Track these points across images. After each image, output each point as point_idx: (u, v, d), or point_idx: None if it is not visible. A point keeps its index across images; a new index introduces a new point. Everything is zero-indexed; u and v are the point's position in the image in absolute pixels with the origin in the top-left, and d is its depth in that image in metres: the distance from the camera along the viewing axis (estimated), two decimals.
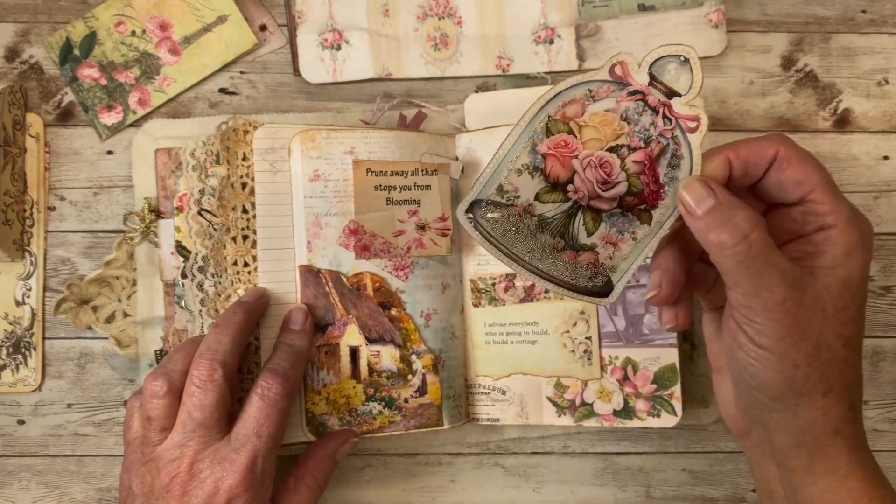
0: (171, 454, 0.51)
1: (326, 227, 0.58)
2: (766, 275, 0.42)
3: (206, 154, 0.59)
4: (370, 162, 0.59)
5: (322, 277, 0.58)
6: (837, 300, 0.43)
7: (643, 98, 0.46)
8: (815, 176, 0.44)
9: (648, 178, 0.46)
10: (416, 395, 0.59)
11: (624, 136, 0.46)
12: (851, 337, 0.43)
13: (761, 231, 0.42)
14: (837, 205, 0.43)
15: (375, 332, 0.59)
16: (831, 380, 0.44)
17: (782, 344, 0.43)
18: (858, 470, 0.45)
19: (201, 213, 0.58)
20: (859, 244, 0.43)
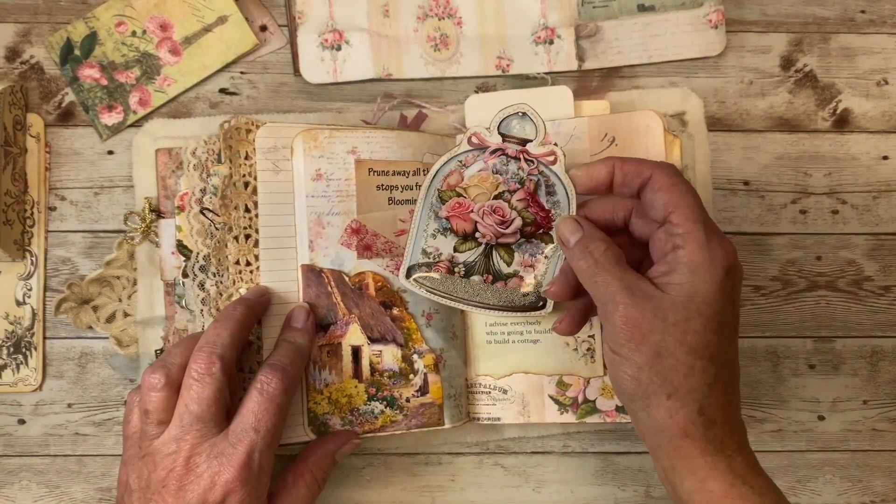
0: (168, 448, 0.51)
1: (328, 226, 0.58)
2: (611, 287, 0.49)
3: (208, 153, 0.59)
4: (372, 161, 0.59)
5: (324, 277, 0.58)
6: (680, 312, 0.48)
7: (503, 153, 0.56)
8: (678, 200, 0.49)
9: (535, 208, 0.57)
10: (417, 395, 0.59)
11: (502, 185, 0.57)
12: (696, 346, 0.48)
13: (609, 253, 0.51)
14: (691, 227, 0.49)
15: (377, 332, 0.59)
16: (674, 384, 0.48)
17: (626, 348, 0.49)
18: (717, 472, 0.48)
19: (203, 213, 0.58)
20: (705, 265, 0.48)
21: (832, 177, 0.66)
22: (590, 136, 0.61)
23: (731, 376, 0.50)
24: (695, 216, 0.49)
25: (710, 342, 0.48)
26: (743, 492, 0.48)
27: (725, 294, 0.48)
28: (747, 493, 0.48)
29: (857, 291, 0.66)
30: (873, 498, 0.65)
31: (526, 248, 0.57)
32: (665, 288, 0.49)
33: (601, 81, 0.66)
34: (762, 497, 0.48)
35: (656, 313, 0.48)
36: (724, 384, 0.49)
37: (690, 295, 0.48)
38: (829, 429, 0.65)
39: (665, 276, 0.49)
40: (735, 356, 0.51)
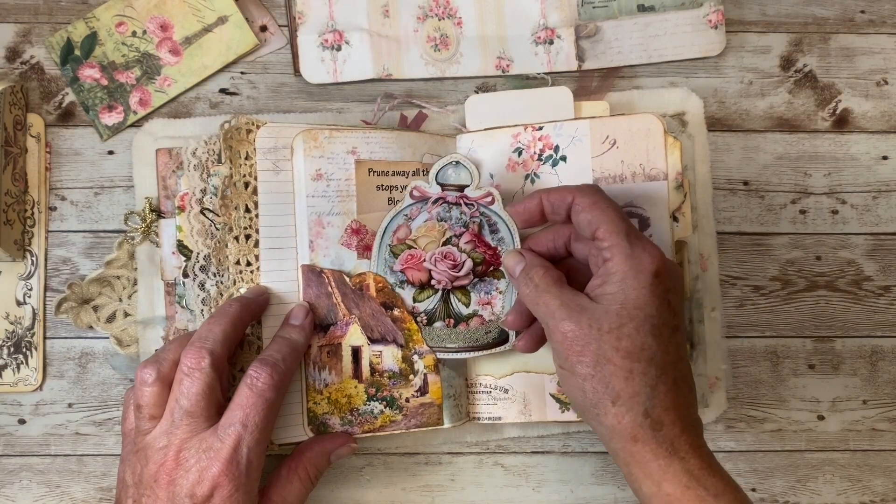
0: (159, 442, 0.52)
1: (329, 226, 0.59)
2: (550, 306, 0.52)
3: (208, 153, 0.59)
4: (372, 162, 0.59)
5: (325, 277, 0.58)
6: (614, 319, 0.50)
7: (444, 201, 0.60)
8: (600, 217, 0.52)
9: (482, 248, 0.60)
10: (417, 395, 0.60)
11: (448, 231, 0.60)
12: (631, 350, 0.50)
13: (548, 277, 0.54)
14: (615, 240, 0.51)
15: (378, 333, 0.59)
16: (617, 388, 0.50)
17: (569, 361, 0.51)
18: (671, 475, 0.49)
19: (203, 213, 0.58)
20: (632, 272, 0.50)
21: (832, 177, 0.67)
22: (591, 139, 0.61)
23: (677, 377, 0.51)
24: (617, 228, 0.52)
25: (645, 345, 0.50)
26: (699, 493, 0.49)
27: (657, 297, 0.51)
28: (703, 495, 0.49)
29: (857, 291, 0.66)
30: (873, 498, 0.65)
31: (481, 287, 0.60)
32: (599, 299, 0.51)
33: (601, 81, 0.66)
34: (717, 498, 0.49)
35: (591, 324, 0.50)
36: (669, 385, 0.50)
37: (622, 302, 0.50)
38: (828, 429, 0.65)
39: (599, 289, 0.52)
40: (680, 357, 0.52)
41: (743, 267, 0.66)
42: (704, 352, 0.64)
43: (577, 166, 0.61)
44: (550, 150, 0.62)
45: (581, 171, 0.61)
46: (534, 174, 0.62)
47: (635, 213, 0.61)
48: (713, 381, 0.64)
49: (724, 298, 0.65)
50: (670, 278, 0.52)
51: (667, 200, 0.60)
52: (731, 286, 0.66)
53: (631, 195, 0.61)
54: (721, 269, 0.65)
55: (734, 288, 0.66)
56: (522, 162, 0.62)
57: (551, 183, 0.62)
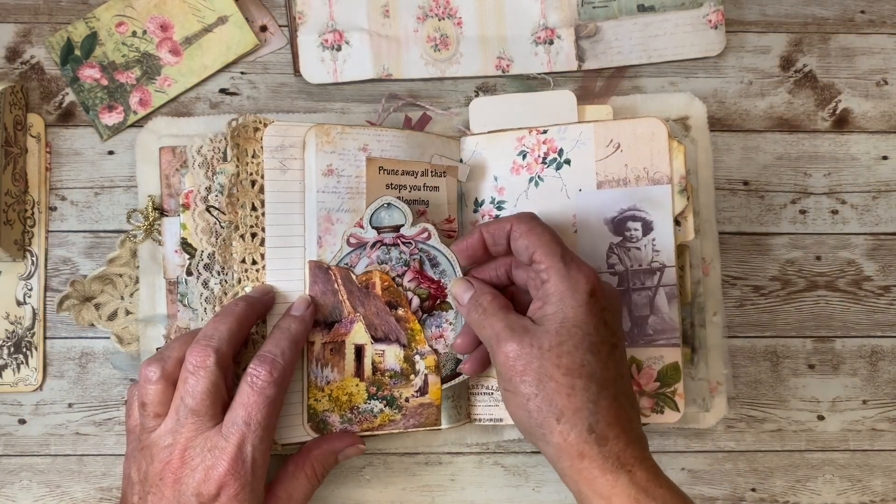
0: (165, 440, 0.52)
1: (338, 222, 0.59)
2: (495, 329, 0.54)
3: (213, 151, 0.60)
4: (383, 160, 0.60)
5: (331, 274, 0.58)
6: (553, 337, 0.51)
7: (382, 243, 0.60)
8: (536, 241, 0.54)
9: (426, 283, 0.61)
10: (417, 395, 0.60)
11: (391, 272, 0.60)
12: (572, 367, 0.51)
13: (496, 302, 0.55)
14: (551, 262, 0.53)
15: (381, 332, 0.59)
16: (560, 405, 0.51)
17: (513, 382, 0.52)
18: (619, 489, 0.50)
19: (209, 210, 0.58)
20: (568, 292, 0.52)
21: (832, 177, 0.67)
22: (595, 142, 0.62)
23: (618, 393, 0.52)
24: (552, 251, 0.53)
25: (584, 361, 0.51)
26: (654, 495, 0.50)
27: (594, 315, 0.52)
28: (659, 497, 0.50)
29: (857, 291, 0.66)
30: (873, 498, 0.65)
31: (431, 322, 0.61)
32: (540, 321, 0.53)
33: (606, 84, 0.67)
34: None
35: (533, 343, 0.51)
36: (610, 400, 0.51)
37: (561, 321, 0.52)
38: (828, 429, 0.66)
39: (539, 311, 0.53)
40: (620, 374, 0.53)
41: (743, 267, 0.66)
42: (706, 356, 0.64)
43: (581, 170, 0.62)
44: (555, 153, 0.62)
45: (585, 174, 0.62)
46: (538, 177, 0.63)
47: (639, 217, 0.61)
48: (714, 385, 0.65)
49: (724, 299, 0.66)
50: (605, 298, 0.53)
51: (670, 204, 0.61)
52: (731, 286, 0.66)
53: (634, 199, 0.61)
54: (721, 269, 0.66)
55: (734, 288, 0.66)
56: (527, 165, 0.63)
57: (554, 187, 0.62)
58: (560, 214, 0.62)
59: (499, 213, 0.63)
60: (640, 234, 0.61)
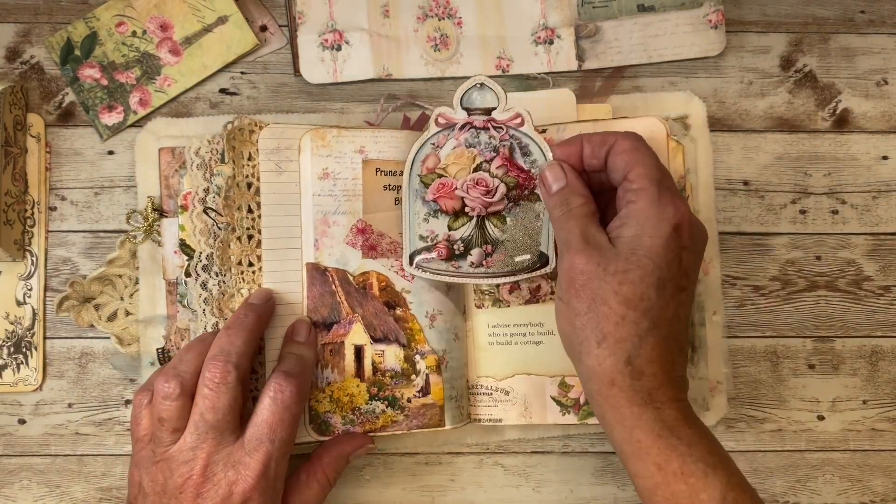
0: (184, 456, 0.52)
1: (334, 225, 0.59)
2: (572, 234, 0.53)
3: (211, 153, 0.60)
4: (380, 162, 0.60)
5: (329, 275, 0.59)
6: (621, 262, 0.50)
7: (472, 126, 0.59)
8: (637, 159, 0.52)
9: (515, 171, 0.59)
10: (419, 396, 0.60)
11: (478, 157, 0.59)
12: (631, 296, 0.50)
13: (584, 208, 0.53)
14: (645, 184, 0.51)
15: (380, 332, 0.60)
16: (605, 331, 0.50)
17: (568, 293, 0.52)
18: (643, 422, 0.50)
19: (206, 212, 0.59)
20: (652, 219, 0.50)
21: (832, 177, 0.67)
22: None
23: (670, 334, 0.51)
24: (649, 174, 0.52)
25: (644, 296, 0.50)
26: (671, 442, 0.49)
27: (671, 251, 0.50)
28: (675, 444, 0.49)
29: (857, 291, 0.67)
30: (873, 498, 0.66)
31: (516, 212, 0.59)
32: (615, 241, 0.52)
33: (605, 83, 0.67)
34: (691, 448, 0.49)
35: (599, 262, 0.51)
36: (658, 339, 0.50)
37: (634, 248, 0.50)
38: (828, 429, 0.66)
39: (617, 230, 0.52)
40: (678, 316, 0.52)
41: (743, 267, 0.67)
42: (706, 355, 0.65)
43: None
44: None
45: None
46: None
47: None
48: (714, 384, 0.65)
49: (724, 299, 0.66)
50: (690, 236, 0.51)
51: None
52: (731, 286, 0.66)
53: None
54: (721, 269, 0.66)
55: (734, 288, 0.66)
56: None
57: None
58: None
59: None
60: None
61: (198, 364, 0.54)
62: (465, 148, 0.59)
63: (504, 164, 0.59)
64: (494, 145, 0.59)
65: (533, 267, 0.60)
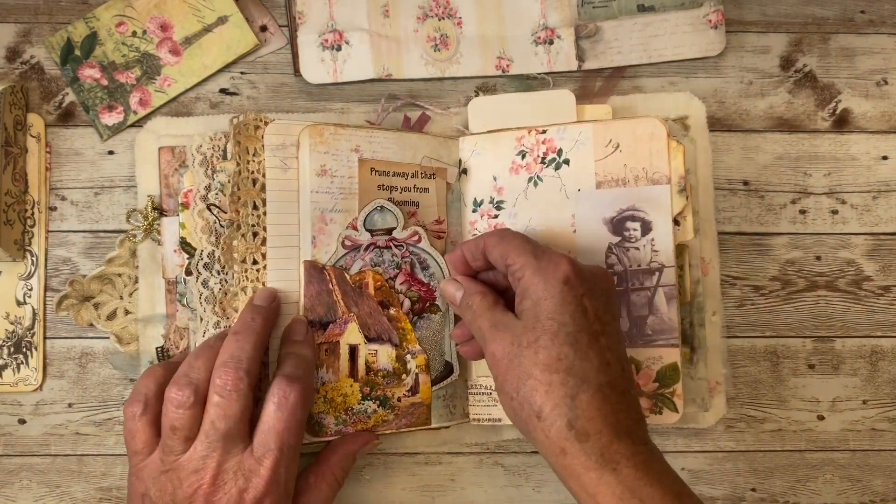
0: (195, 465, 0.52)
1: (331, 223, 0.59)
2: (483, 328, 0.54)
3: (213, 149, 0.60)
4: (374, 161, 0.60)
5: (326, 274, 0.59)
6: (529, 334, 0.51)
7: (375, 246, 0.61)
8: (507, 246, 0.54)
9: (417, 286, 0.62)
10: (408, 395, 0.60)
11: (383, 274, 0.61)
12: (549, 361, 0.50)
13: (484, 301, 0.55)
14: (523, 260, 0.53)
15: (374, 331, 0.60)
16: (539, 402, 0.50)
17: (498, 381, 0.52)
18: (603, 487, 0.48)
19: (209, 209, 0.59)
20: (541, 283, 0.52)
21: (832, 177, 0.67)
22: (594, 142, 0.62)
23: (604, 384, 0.50)
24: (523, 250, 0.53)
25: (561, 355, 0.50)
26: (639, 493, 0.48)
27: (569, 304, 0.51)
28: (645, 496, 0.48)
29: (857, 291, 0.67)
30: (873, 498, 0.66)
31: (420, 325, 0.62)
32: (520, 316, 0.53)
33: (605, 83, 0.67)
34: None
35: (513, 341, 0.52)
36: (591, 393, 0.49)
37: (536, 315, 0.51)
38: (828, 429, 0.66)
39: (519, 306, 0.53)
40: (607, 362, 0.51)
41: (743, 267, 0.67)
42: (705, 356, 0.65)
43: (580, 169, 0.62)
44: (554, 153, 0.63)
45: (584, 174, 0.62)
46: (537, 177, 0.63)
47: (638, 217, 0.61)
48: (713, 385, 0.65)
49: (724, 298, 0.66)
50: (583, 283, 0.52)
51: (669, 204, 0.61)
52: (730, 286, 0.66)
53: (633, 199, 0.61)
54: (721, 269, 0.66)
55: (734, 288, 0.66)
56: (526, 165, 0.63)
57: (553, 187, 0.62)
58: (559, 214, 0.62)
59: (497, 212, 0.63)
60: (638, 234, 0.61)
61: (209, 371, 0.54)
62: (370, 267, 0.61)
63: (407, 280, 0.62)
64: (397, 262, 0.62)
65: (441, 377, 0.62)
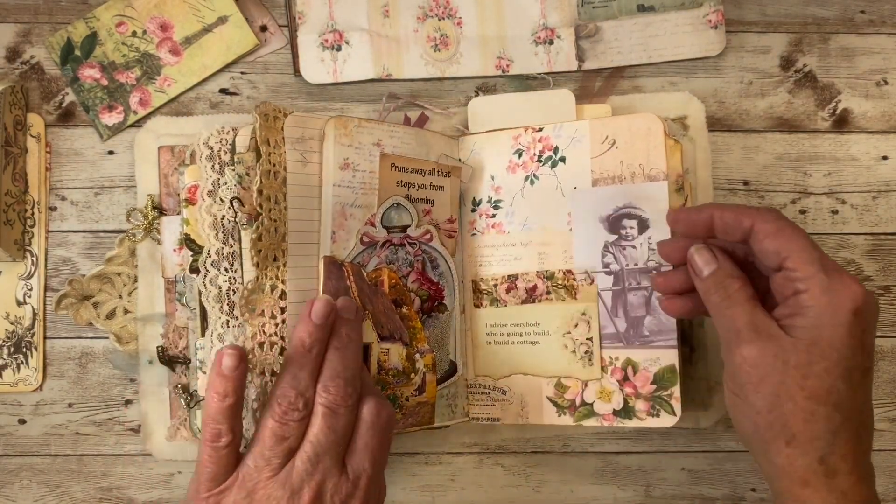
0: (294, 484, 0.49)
1: (351, 218, 0.59)
2: (738, 322, 0.50)
3: (221, 143, 0.59)
4: (395, 157, 0.60)
5: (344, 270, 0.58)
6: (802, 355, 0.47)
7: (391, 243, 0.61)
8: (789, 245, 0.49)
9: (427, 285, 0.62)
10: (416, 394, 0.60)
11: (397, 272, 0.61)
12: (818, 391, 0.47)
13: (744, 291, 0.51)
14: (810, 271, 0.48)
15: (387, 330, 0.59)
16: (794, 429, 0.47)
17: (745, 389, 0.49)
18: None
19: (231, 203, 0.57)
20: (829, 309, 0.47)
21: (832, 177, 0.67)
22: (591, 139, 0.62)
23: (861, 423, 0.49)
24: (810, 258, 0.48)
25: (833, 388, 0.47)
26: None
27: (854, 338, 0.47)
28: None
29: None
30: None
31: (428, 323, 0.62)
32: (790, 330, 0.48)
33: (605, 83, 0.67)
34: None
35: (777, 354, 0.48)
36: (851, 432, 0.48)
37: (814, 339, 0.47)
38: None
39: (789, 319, 0.49)
40: (866, 401, 0.49)
41: None
42: (705, 356, 0.65)
43: (577, 167, 0.62)
44: (550, 151, 0.63)
45: (580, 171, 0.62)
46: (533, 175, 0.63)
47: (634, 215, 0.61)
48: (713, 384, 0.65)
49: None
50: (869, 317, 0.48)
51: (666, 201, 0.61)
52: None
53: (630, 196, 0.61)
54: None
55: None
56: (522, 163, 0.63)
57: (549, 185, 0.62)
58: (555, 213, 0.62)
59: (495, 212, 0.63)
60: (635, 233, 0.61)
61: (314, 382, 0.51)
62: (386, 264, 0.61)
63: (419, 279, 0.62)
64: (410, 260, 0.62)
65: (446, 376, 0.63)
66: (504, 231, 0.64)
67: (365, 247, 0.60)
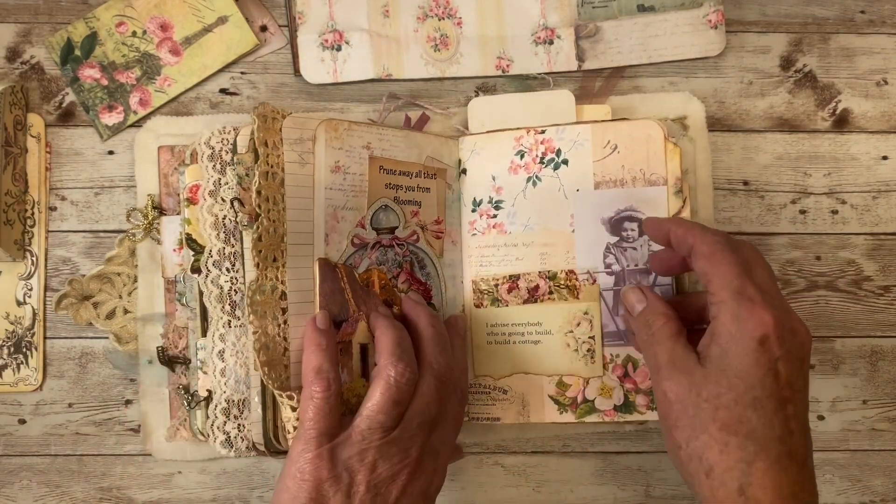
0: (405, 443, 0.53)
1: (342, 220, 0.59)
2: (659, 360, 0.51)
3: (222, 143, 0.59)
4: (383, 159, 0.60)
5: (338, 272, 0.58)
6: (712, 386, 0.48)
7: (381, 244, 0.61)
8: (714, 269, 0.49)
9: (415, 285, 0.63)
10: None
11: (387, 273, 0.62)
12: (728, 422, 0.47)
13: (666, 328, 0.52)
14: (724, 296, 0.48)
15: None
16: (711, 461, 0.47)
17: (666, 425, 0.50)
18: None
19: (232, 203, 0.57)
20: (735, 336, 0.47)
21: (832, 177, 0.67)
22: (593, 143, 0.62)
23: (782, 453, 0.47)
24: (728, 285, 0.49)
25: (743, 418, 0.47)
26: None
27: (761, 367, 0.47)
28: None
29: (857, 291, 0.67)
30: (873, 498, 0.66)
31: None
32: (704, 361, 0.49)
33: (605, 83, 0.67)
34: None
35: (690, 388, 0.48)
36: (770, 462, 0.47)
37: (722, 368, 0.48)
38: (828, 428, 0.66)
39: (706, 348, 0.49)
40: (788, 430, 0.47)
41: None
42: None
43: (579, 170, 0.62)
44: (552, 153, 0.63)
45: (582, 174, 0.62)
46: (536, 177, 0.63)
47: (635, 218, 0.62)
48: None
49: None
50: (782, 345, 0.47)
51: (666, 205, 0.61)
52: None
53: (631, 199, 0.62)
54: None
55: None
56: (524, 165, 0.63)
57: (552, 187, 0.62)
58: (557, 214, 0.62)
59: (496, 212, 0.63)
60: (636, 235, 0.61)
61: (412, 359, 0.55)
62: (376, 265, 0.61)
63: (407, 279, 0.62)
64: (399, 261, 0.62)
65: None
66: (505, 231, 0.64)
67: (356, 249, 0.60)
